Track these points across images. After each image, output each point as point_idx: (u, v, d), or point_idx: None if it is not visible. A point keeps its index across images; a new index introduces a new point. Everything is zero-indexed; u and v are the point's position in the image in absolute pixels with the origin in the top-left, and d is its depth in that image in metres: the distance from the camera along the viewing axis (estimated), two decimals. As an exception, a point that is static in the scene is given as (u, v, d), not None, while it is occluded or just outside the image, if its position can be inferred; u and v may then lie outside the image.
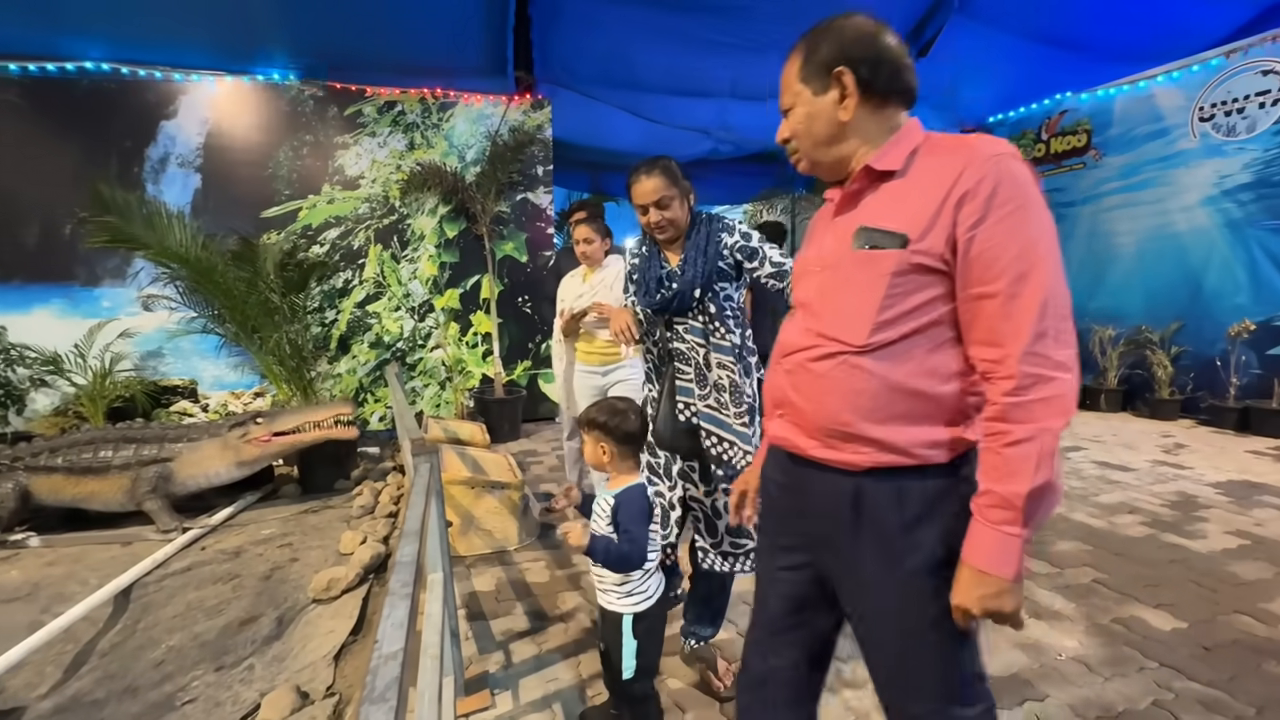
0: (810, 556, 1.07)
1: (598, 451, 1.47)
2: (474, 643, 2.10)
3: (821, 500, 1.02)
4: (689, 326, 1.80)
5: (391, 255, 5.13)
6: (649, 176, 1.72)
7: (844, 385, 0.94)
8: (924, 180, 0.91)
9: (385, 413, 5.15)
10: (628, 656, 1.44)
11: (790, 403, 1.03)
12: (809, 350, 0.99)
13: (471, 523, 2.84)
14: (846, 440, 0.96)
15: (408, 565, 0.91)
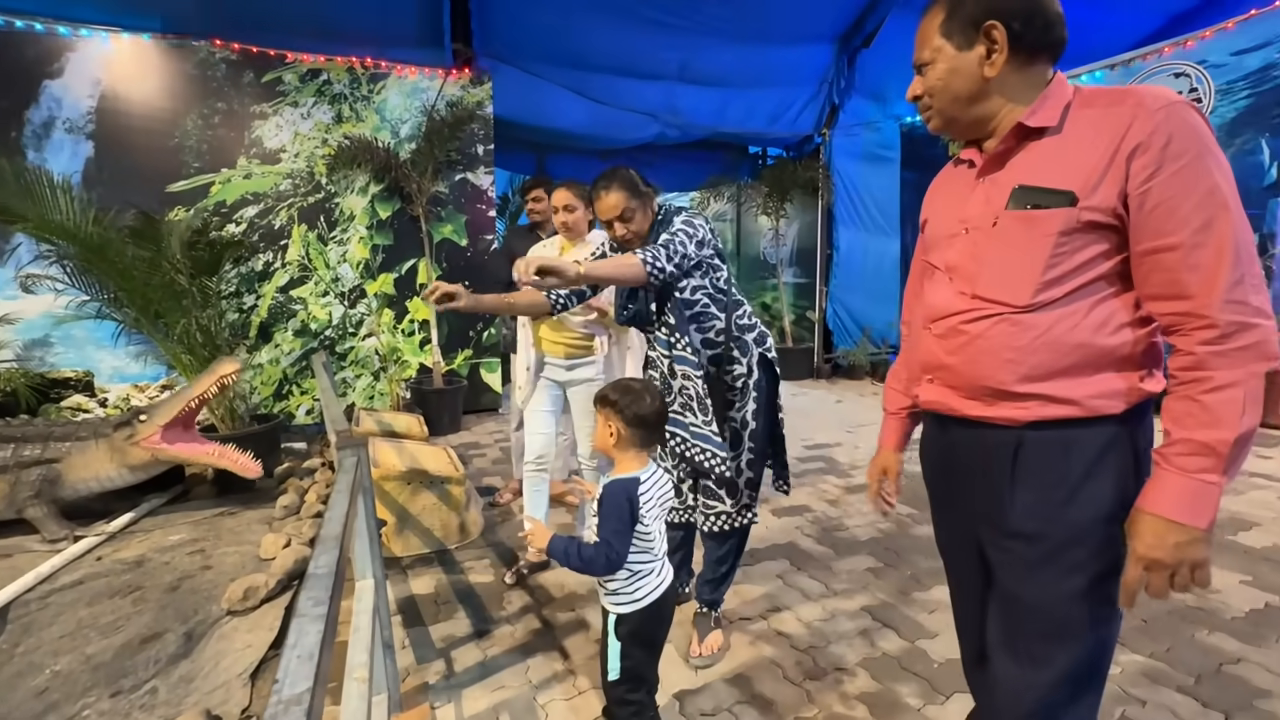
0: (975, 528, 1.07)
1: (605, 432, 1.35)
2: (411, 652, 1.94)
3: (976, 458, 1.01)
4: (655, 336, 1.83)
5: (318, 236, 4.77)
6: (608, 192, 1.69)
7: (1005, 344, 0.93)
8: (1086, 135, 0.88)
9: (312, 405, 4.81)
10: (612, 658, 1.34)
11: (944, 366, 1.02)
12: (965, 313, 0.98)
13: (408, 521, 2.64)
14: (1008, 398, 0.94)
15: (323, 579, 0.76)
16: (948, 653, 1.88)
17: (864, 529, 2.82)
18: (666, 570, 1.40)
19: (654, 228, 1.78)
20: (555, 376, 2.48)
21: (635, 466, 1.34)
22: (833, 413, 5.34)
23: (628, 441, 1.33)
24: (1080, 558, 0.93)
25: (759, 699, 1.68)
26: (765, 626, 2.04)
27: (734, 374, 1.81)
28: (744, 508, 1.86)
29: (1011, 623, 1.01)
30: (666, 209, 1.80)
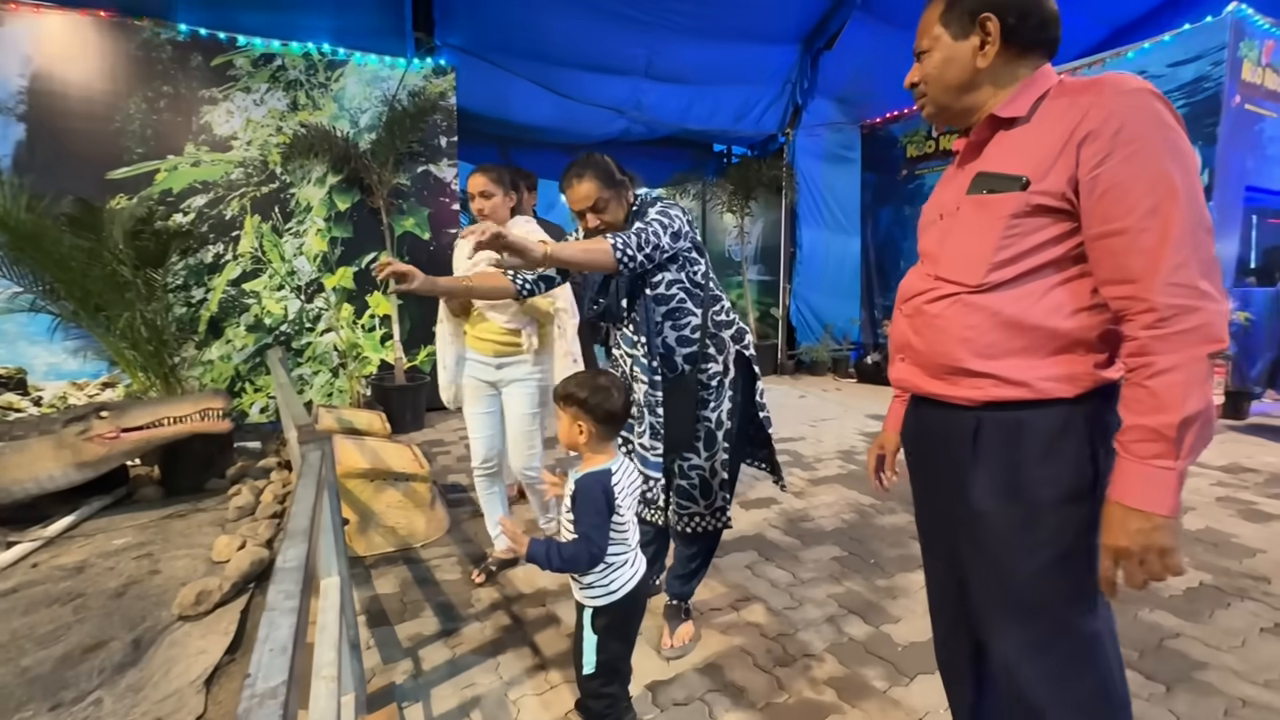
0: (944, 498, 1.09)
1: (574, 431, 1.32)
2: (377, 652, 1.89)
3: (942, 437, 1.05)
4: (622, 334, 1.80)
5: (272, 228, 4.60)
6: (580, 180, 1.63)
7: (959, 323, 0.97)
8: (1048, 123, 0.91)
9: (267, 403, 4.64)
10: (587, 651, 1.32)
11: (910, 345, 1.06)
12: (926, 293, 1.03)
13: (371, 519, 2.57)
14: (964, 375, 0.98)
15: (293, 572, 0.73)
16: (911, 636, 1.93)
17: (829, 520, 2.88)
18: (640, 561, 1.40)
19: (630, 219, 1.71)
20: (484, 376, 2.31)
21: (604, 459, 1.32)
22: (796, 408, 5.44)
23: (598, 439, 1.32)
24: (1039, 539, 0.94)
25: (730, 687, 1.70)
26: (735, 617, 2.06)
27: (709, 372, 1.74)
28: (718, 510, 1.80)
29: (989, 599, 1.03)
30: (643, 199, 1.74)
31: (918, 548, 2.53)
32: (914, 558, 2.48)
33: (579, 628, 1.35)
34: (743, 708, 1.62)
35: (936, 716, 1.58)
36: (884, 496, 1.30)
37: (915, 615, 2.05)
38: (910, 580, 2.29)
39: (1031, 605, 0.97)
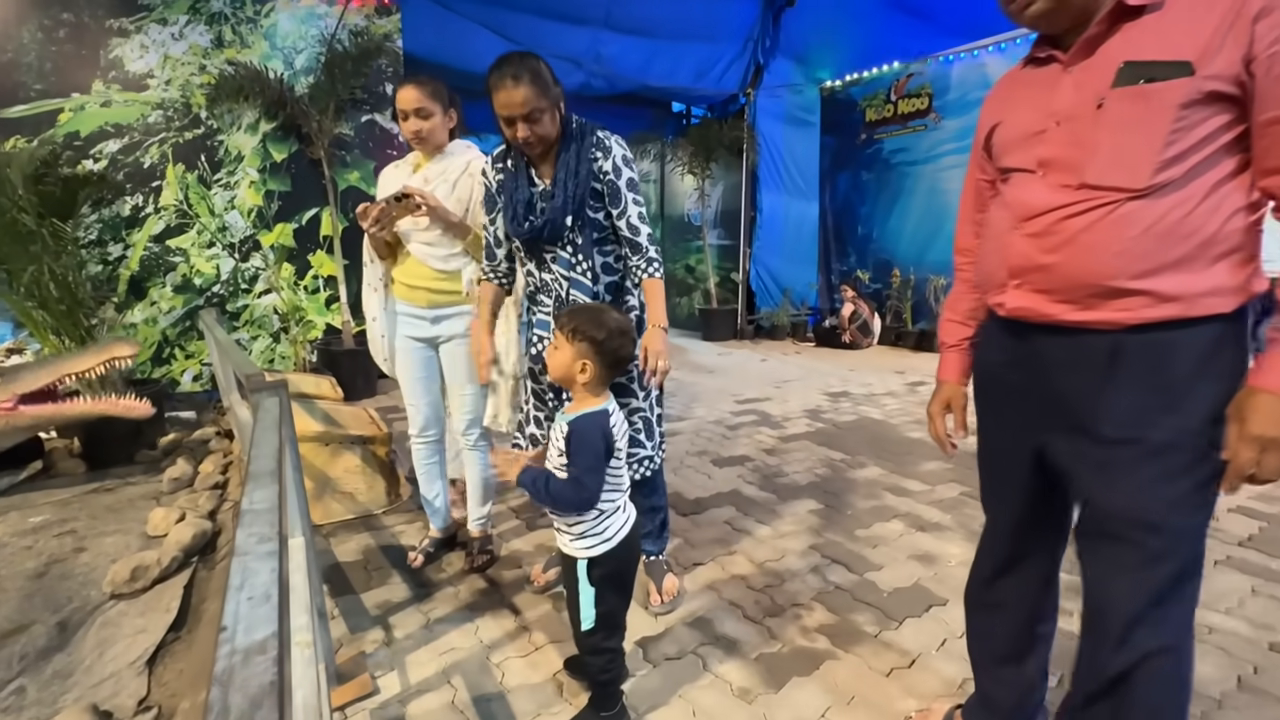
0: (1040, 436, 1.03)
1: (575, 368, 1.21)
2: (343, 621, 1.75)
3: (1064, 367, 0.96)
4: (556, 256, 1.66)
5: (199, 178, 4.19)
6: (517, 84, 1.45)
7: (1115, 235, 0.86)
8: (1195, 5, 0.84)
9: (200, 371, 4.29)
10: (585, 605, 1.24)
11: (1039, 267, 0.95)
12: (1068, 207, 0.91)
13: (327, 485, 2.40)
14: (1111, 297, 0.88)
15: (264, 514, 0.61)
16: (895, 582, 1.94)
17: (803, 475, 2.88)
18: (631, 508, 1.32)
19: (568, 141, 1.57)
20: (418, 333, 1.95)
21: (600, 400, 1.24)
22: (759, 371, 5.45)
23: (598, 382, 1.23)
24: (1183, 462, 0.89)
25: (723, 639, 1.66)
26: (720, 571, 2.02)
27: (628, 305, 1.72)
28: (660, 446, 1.77)
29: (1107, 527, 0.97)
30: (581, 123, 1.61)
31: (891, 499, 2.59)
32: (888, 508, 2.50)
33: (573, 582, 1.26)
34: (736, 659, 1.58)
35: (929, 657, 1.58)
36: (951, 455, 1.27)
37: (897, 562, 2.06)
38: (888, 530, 2.31)
39: (1157, 527, 0.92)
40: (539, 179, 1.64)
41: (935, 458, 3.10)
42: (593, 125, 1.62)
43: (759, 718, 1.38)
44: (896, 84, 6.61)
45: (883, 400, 4.30)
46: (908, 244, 6.69)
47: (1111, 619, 0.97)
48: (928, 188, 6.44)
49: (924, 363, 5.70)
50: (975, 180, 1.17)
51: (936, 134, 6.32)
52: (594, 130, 1.61)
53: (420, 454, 2.09)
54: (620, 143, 1.61)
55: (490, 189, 1.71)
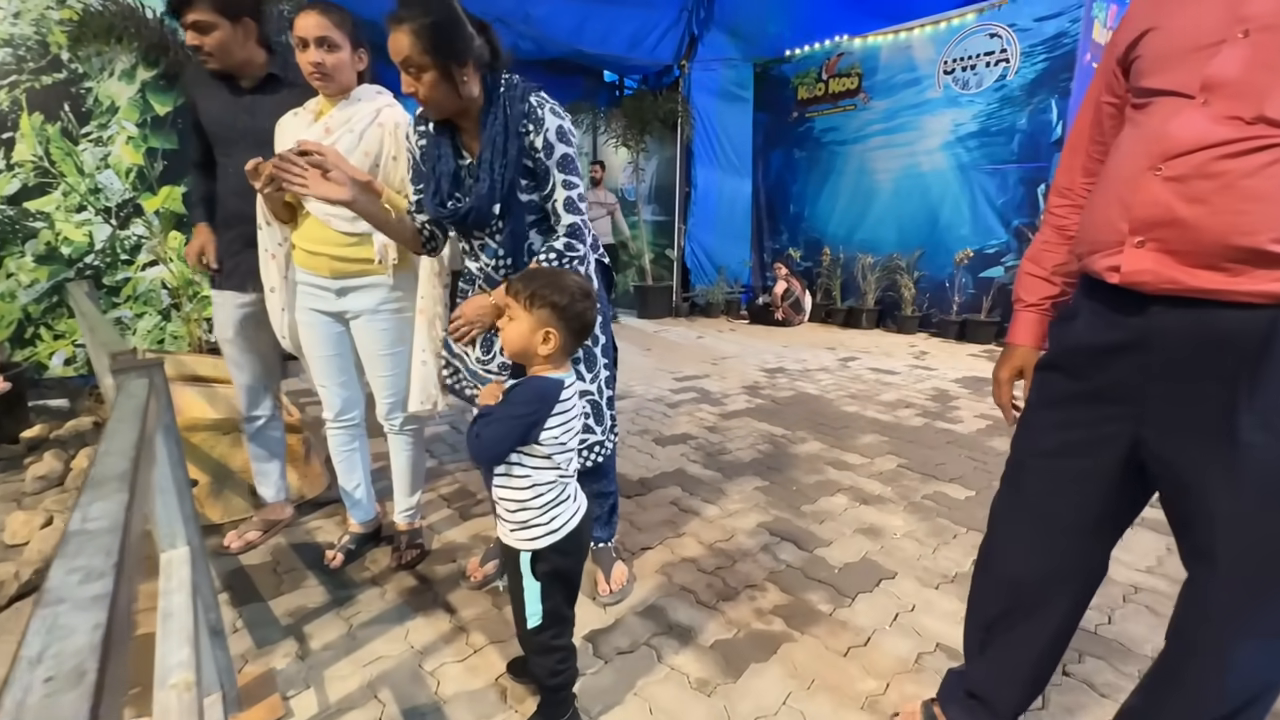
0: (1132, 427, 0.88)
1: (536, 339, 1.05)
2: (248, 634, 1.54)
3: (1194, 348, 0.80)
4: (485, 244, 1.46)
5: (62, 131, 3.62)
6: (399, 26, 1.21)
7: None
8: None
9: (74, 353, 3.77)
10: (530, 601, 1.11)
11: (1176, 220, 0.77)
12: (1231, 145, 0.72)
13: (228, 479, 2.13)
14: (1264, 263, 0.72)
15: (98, 538, 0.44)
16: (845, 558, 1.92)
17: (746, 451, 2.84)
18: (581, 497, 1.20)
19: (491, 105, 1.33)
20: (322, 305, 1.70)
21: (562, 371, 1.11)
22: (696, 347, 5.41)
23: (563, 352, 1.09)
24: None
25: (676, 628, 1.57)
26: (669, 555, 1.94)
27: None
28: (611, 430, 1.65)
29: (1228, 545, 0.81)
30: (512, 86, 1.34)
31: (834, 473, 2.60)
32: (832, 483, 2.50)
33: (516, 577, 1.13)
34: (692, 648, 1.50)
35: (883, 634, 1.56)
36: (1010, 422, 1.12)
37: (844, 537, 2.05)
38: (833, 504, 2.30)
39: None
40: (465, 151, 1.41)
41: (871, 431, 3.14)
42: (527, 89, 1.36)
43: (719, 711, 1.31)
44: (827, 63, 6.65)
45: (817, 375, 4.35)
46: (837, 223, 6.81)
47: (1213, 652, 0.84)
48: (856, 167, 6.56)
49: (853, 339, 5.85)
50: (1098, 104, 0.97)
51: (865, 114, 6.43)
52: (527, 95, 1.34)
53: (337, 441, 1.86)
54: (556, 111, 1.36)
55: (414, 156, 1.48)
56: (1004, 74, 5.39)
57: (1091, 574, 1.05)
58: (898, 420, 3.33)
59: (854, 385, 4.08)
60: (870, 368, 4.62)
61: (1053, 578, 1.04)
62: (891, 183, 6.32)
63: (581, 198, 1.40)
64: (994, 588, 1.13)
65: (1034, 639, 1.08)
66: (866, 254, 6.37)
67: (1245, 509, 0.79)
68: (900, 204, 6.28)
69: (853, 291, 6.62)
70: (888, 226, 6.39)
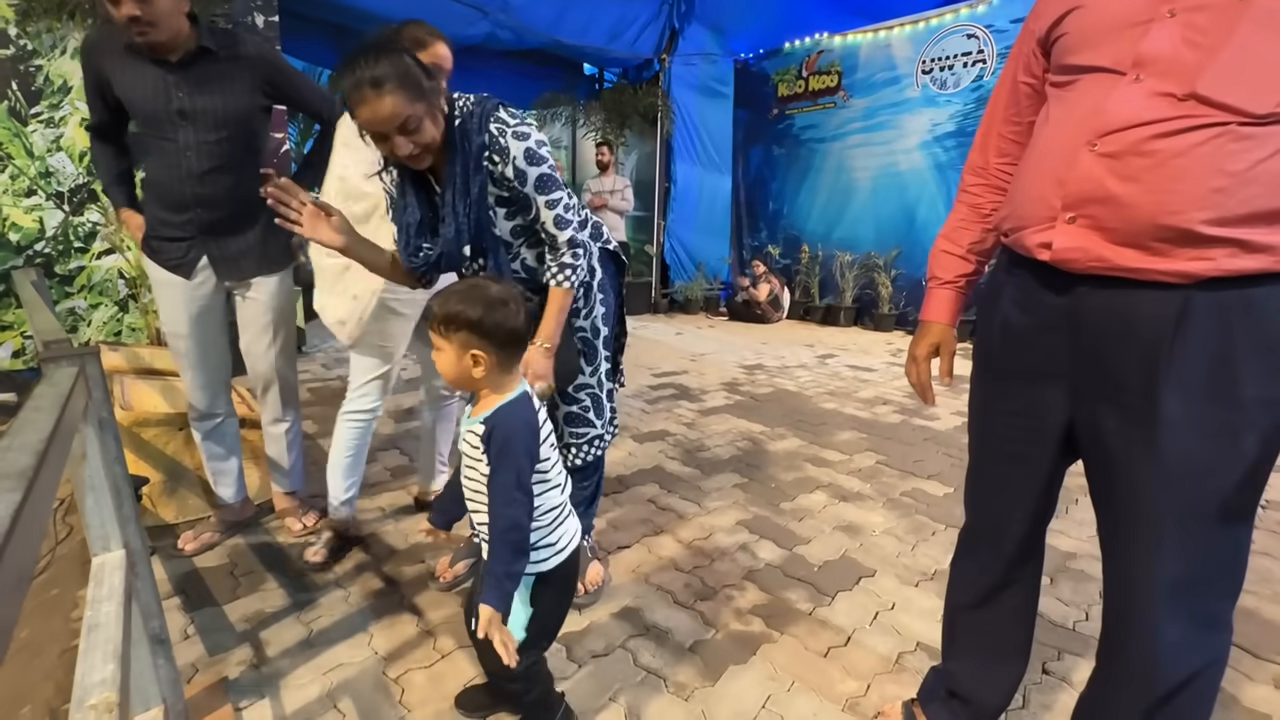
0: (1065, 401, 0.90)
1: (465, 364, 0.95)
2: (199, 641, 1.45)
3: (1114, 325, 0.81)
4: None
5: (10, 111, 3.44)
6: (380, 93, 1.11)
7: (1218, 166, 0.70)
8: None
9: (22, 345, 3.58)
10: (515, 628, 1.01)
11: (1109, 198, 0.76)
12: (1165, 123, 0.72)
13: (182, 476, 2.02)
14: (1189, 243, 0.73)
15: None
16: (824, 555, 1.89)
17: (724, 449, 2.81)
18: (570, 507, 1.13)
19: (454, 135, 1.25)
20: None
21: (510, 389, 1.01)
22: (675, 344, 5.38)
23: (499, 369, 0.98)
24: (1243, 448, 0.77)
25: (654, 630, 1.53)
26: (646, 554, 1.89)
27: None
28: (610, 424, 1.62)
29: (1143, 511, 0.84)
30: (466, 117, 1.26)
31: (812, 469, 2.57)
32: (811, 479, 2.48)
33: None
34: (669, 650, 1.45)
35: (864, 633, 1.53)
36: (930, 403, 1.16)
37: (823, 535, 2.02)
38: (811, 501, 2.27)
39: (1204, 515, 0.80)
40: (437, 187, 1.34)
41: (850, 428, 3.14)
42: (485, 114, 1.26)
43: (698, 715, 1.26)
44: (808, 60, 6.66)
45: (796, 372, 4.35)
46: (816, 221, 6.83)
47: (1145, 622, 0.86)
48: (835, 165, 6.59)
49: (831, 336, 5.87)
50: (1014, 83, 0.98)
51: (845, 112, 6.45)
52: (485, 125, 1.25)
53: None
54: (520, 132, 1.26)
55: (391, 195, 1.40)
56: (981, 74, 5.44)
57: (1037, 553, 1.07)
58: (875, 417, 3.33)
59: (832, 382, 4.07)
60: (848, 365, 4.62)
61: (1011, 558, 1.06)
62: (870, 181, 6.35)
63: (569, 208, 1.33)
64: (959, 570, 1.14)
65: (998, 619, 1.09)
66: (845, 252, 6.40)
67: (1166, 482, 0.81)
68: (878, 203, 6.31)
69: (831, 289, 6.64)
70: (866, 225, 6.42)
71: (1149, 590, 0.85)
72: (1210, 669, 0.87)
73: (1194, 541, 0.82)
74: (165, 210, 1.68)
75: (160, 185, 1.66)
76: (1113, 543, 0.90)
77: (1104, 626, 0.94)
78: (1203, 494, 0.80)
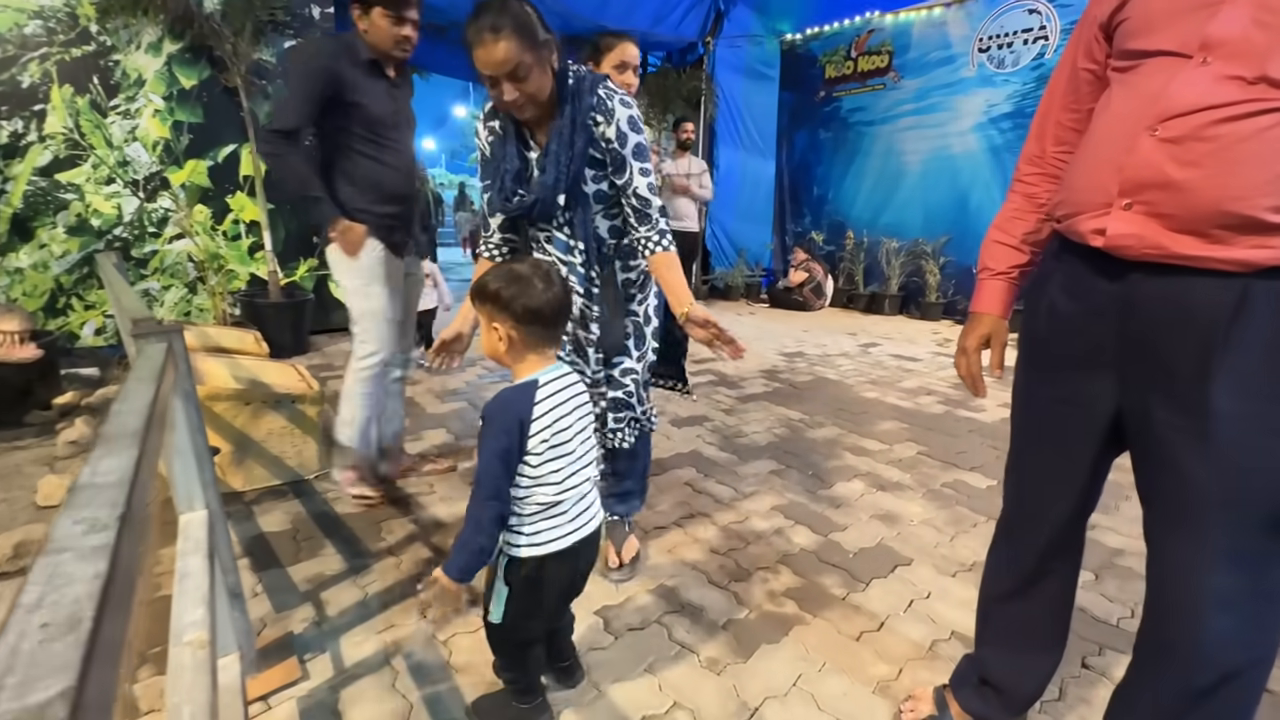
0: (1115, 390, 0.88)
1: (492, 338, 1.03)
2: (267, 599, 1.57)
3: (1169, 315, 0.79)
4: (552, 237, 1.49)
5: (91, 103, 3.67)
6: (497, 37, 1.19)
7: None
8: None
9: (104, 323, 3.86)
10: (497, 599, 1.07)
11: (1168, 183, 0.75)
12: (1231, 107, 0.70)
13: (250, 448, 2.16)
14: (1251, 230, 0.70)
15: (105, 490, 0.44)
16: (860, 543, 1.90)
17: (762, 435, 2.82)
18: (587, 512, 1.10)
19: (566, 100, 1.33)
20: None
21: (532, 370, 1.04)
22: (714, 330, 5.37)
23: (522, 345, 1.03)
24: None
25: (688, 607, 1.57)
26: (682, 535, 1.93)
27: (639, 268, 1.58)
28: (648, 410, 1.69)
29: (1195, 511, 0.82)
30: (580, 78, 1.36)
31: (851, 458, 2.56)
32: (849, 468, 2.47)
33: (493, 569, 1.08)
34: (703, 627, 1.50)
35: (897, 619, 1.54)
36: (981, 395, 1.14)
37: (860, 523, 2.02)
38: (849, 489, 2.27)
39: (1256, 510, 0.79)
40: (533, 143, 1.42)
41: (891, 417, 3.10)
42: (595, 80, 1.36)
43: (729, 690, 1.30)
44: (857, 40, 6.48)
45: (837, 361, 4.30)
46: (862, 206, 6.68)
47: (1188, 617, 0.84)
48: (884, 149, 6.41)
49: (875, 325, 5.76)
50: (1073, 70, 0.95)
51: (895, 94, 6.26)
52: (594, 88, 1.35)
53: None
54: (626, 101, 1.37)
55: (484, 153, 1.49)
56: (1042, 52, 5.19)
57: (1074, 546, 1.07)
58: (918, 407, 3.28)
59: (875, 371, 4.02)
60: (892, 354, 4.54)
61: (1046, 549, 1.05)
62: (920, 165, 6.17)
63: (652, 188, 1.41)
64: (994, 559, 1.14)
65: (1031, 610, 1.09)
66: (891, 238, 6.25)
67: (1216, 474, 0.79)
68: (928, 187, 6.13)
69: (876, 276, 6.51)
70: (914, 210, 6.25)
71: (1192, 584, 0.84)
72: (1254, 669, 0.85)
73: (1244, 537, 0.80)
74: (386, 203, 1.93)
75: (383, 181, 1.90)
76: (1157, 534, 0.89)
77: (1143, 619, 0.93)
78: (1255, 488, 0.78)
